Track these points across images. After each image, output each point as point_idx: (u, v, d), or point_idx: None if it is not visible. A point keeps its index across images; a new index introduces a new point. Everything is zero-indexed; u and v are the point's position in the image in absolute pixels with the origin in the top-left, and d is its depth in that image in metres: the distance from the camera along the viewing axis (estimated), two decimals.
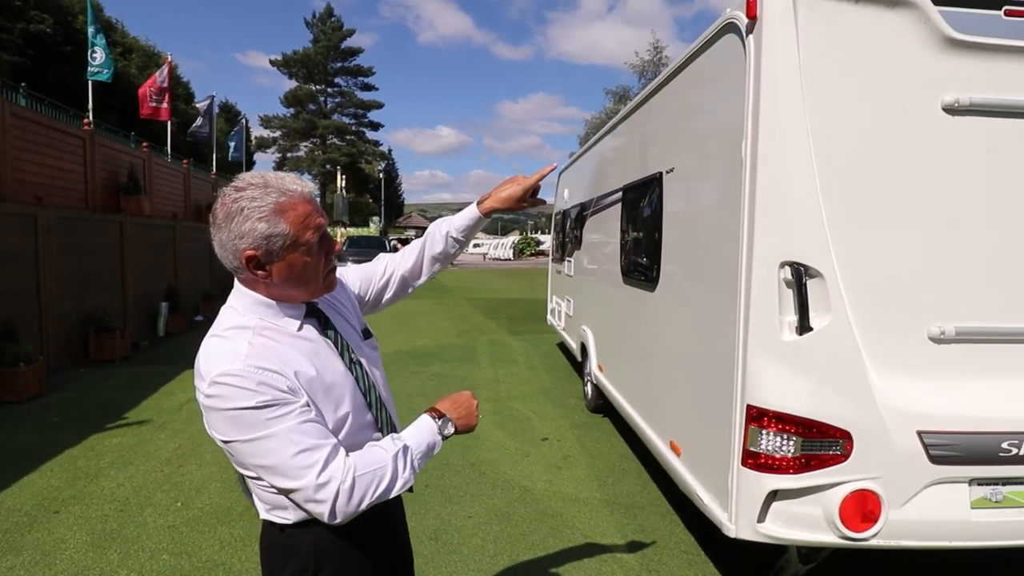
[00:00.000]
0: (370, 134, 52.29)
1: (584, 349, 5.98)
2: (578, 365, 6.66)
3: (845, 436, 2.34)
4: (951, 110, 2.35)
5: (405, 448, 1.26)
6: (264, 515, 1.32)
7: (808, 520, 2.40)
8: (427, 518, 3.59)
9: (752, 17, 2.36)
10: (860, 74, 2.35)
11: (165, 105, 13.63)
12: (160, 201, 11.60)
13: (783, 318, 2.36)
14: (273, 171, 1.25)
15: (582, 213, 6.29)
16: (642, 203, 4.03)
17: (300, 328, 1.26)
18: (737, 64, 2.49)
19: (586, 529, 3.51)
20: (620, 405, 4.44)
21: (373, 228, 37.25)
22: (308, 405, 1.18)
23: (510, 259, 42.64)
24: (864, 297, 2.36)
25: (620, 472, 4.37)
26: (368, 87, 51.35)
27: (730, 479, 2.53)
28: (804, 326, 2.32)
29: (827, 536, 2.39)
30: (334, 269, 1.32)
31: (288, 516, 1.27)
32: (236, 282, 1.27)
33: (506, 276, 25.57)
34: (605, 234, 5.20)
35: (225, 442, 1.16)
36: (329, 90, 50.89)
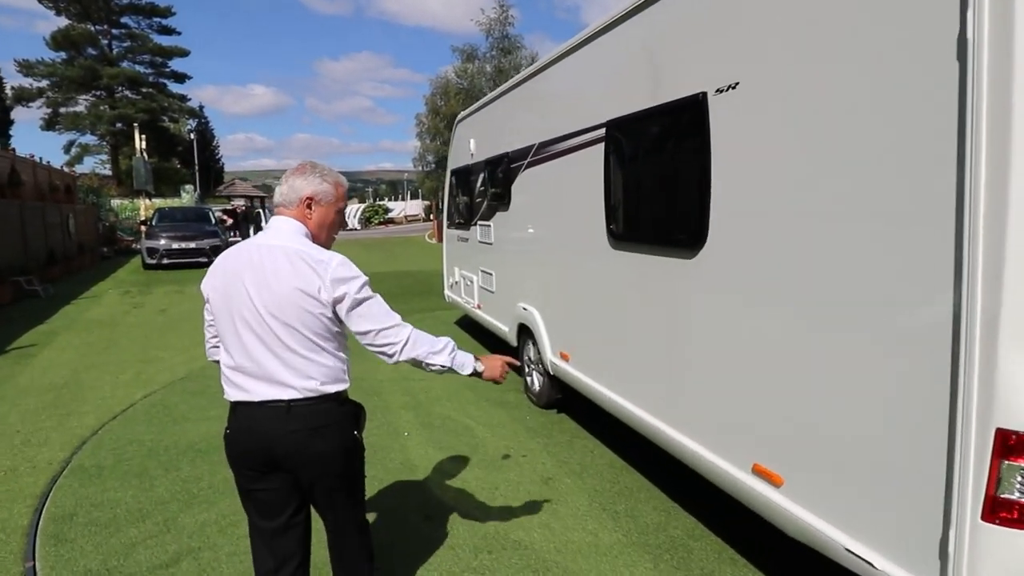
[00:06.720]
0: (174, 87, 44.16)
1: (526, 332, 4.89)
2: (509, 349, 5.54)
3: None
4: None
5: (454, 347, 1.98)
6: (324, 388, 1.84)
7: None
8: None
9: None
10: None
11: None
12: None
13: None
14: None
15: (510, 166, 5.09)
16: (661, 138, 2.98)
17: None
18: None
19: None
20: (619, 408, 3.42)
21: (187, 198, 30.73)
22: None
23: (356, 229, 39.46)
24: None
25: (624, 490, 3.40)
26: (167, 30, 42.94)
27: (951, 538, 1.65)
28: None
29: None
30: (333, 239, 2.06)
31: (343, 385, 1.91)
32: (286, 216, 1.94)
33: (360, 248, 23.08)
34: (566, 187, 4.09)
35: (364, 298, 1.85)
36: (115, 32, 41.61)
